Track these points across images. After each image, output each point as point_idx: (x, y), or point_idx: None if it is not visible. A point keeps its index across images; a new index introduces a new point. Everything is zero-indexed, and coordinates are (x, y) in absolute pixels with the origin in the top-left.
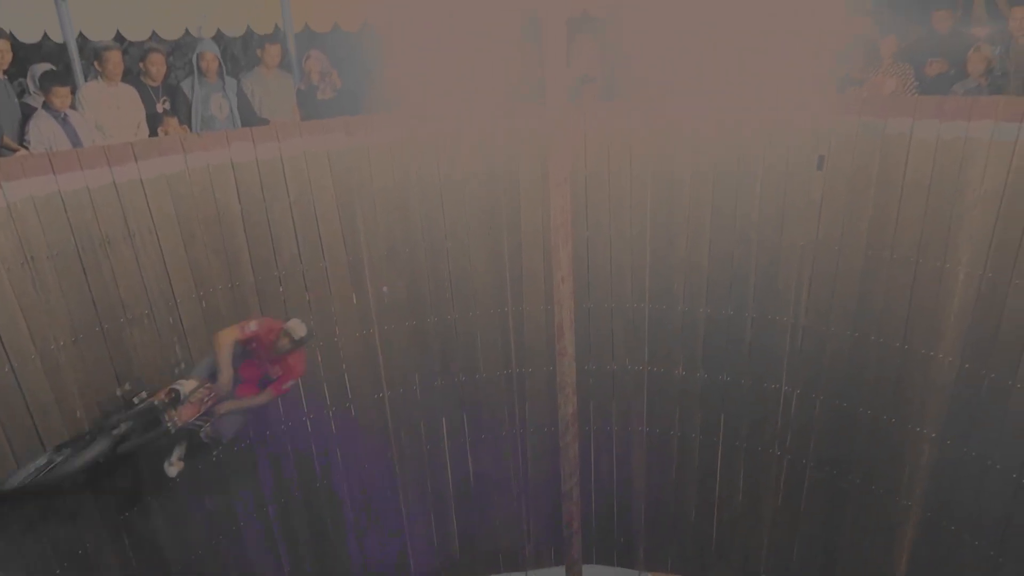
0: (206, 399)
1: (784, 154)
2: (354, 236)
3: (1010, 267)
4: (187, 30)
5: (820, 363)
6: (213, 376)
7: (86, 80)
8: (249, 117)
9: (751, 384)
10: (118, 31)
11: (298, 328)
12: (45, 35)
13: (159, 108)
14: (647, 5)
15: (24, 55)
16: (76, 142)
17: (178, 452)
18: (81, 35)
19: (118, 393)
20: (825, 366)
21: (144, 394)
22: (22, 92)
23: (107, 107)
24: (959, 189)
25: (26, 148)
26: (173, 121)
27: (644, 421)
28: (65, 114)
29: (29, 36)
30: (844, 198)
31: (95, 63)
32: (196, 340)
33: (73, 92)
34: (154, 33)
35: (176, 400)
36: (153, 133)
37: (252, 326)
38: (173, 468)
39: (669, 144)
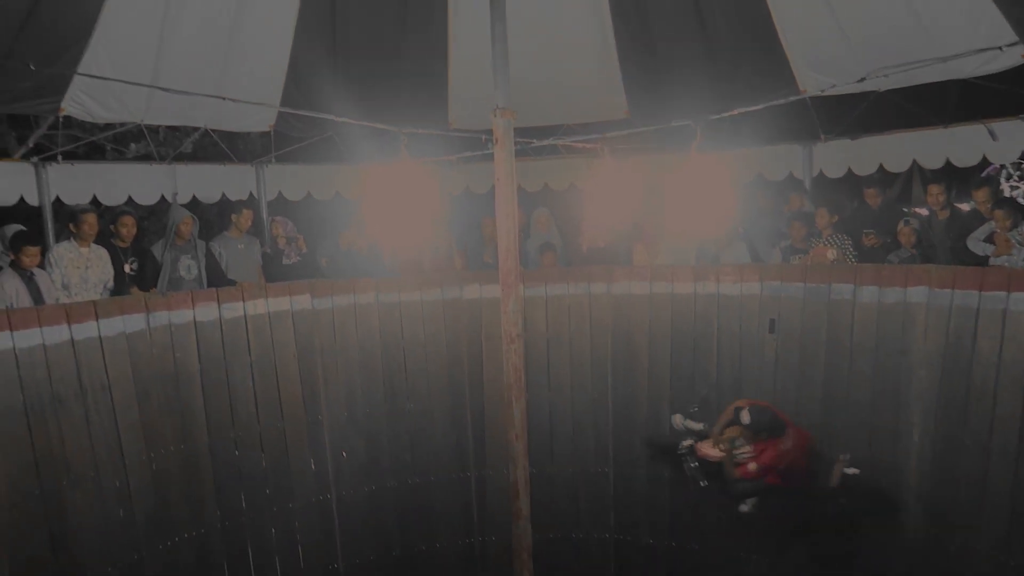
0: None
1: (737, 317)
2: (314, 396)
3: (960, 425)
4: (163, 196)
5: (788, 530)
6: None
7: (57, 241)
8: (216, 279)
9: (721, 553)
10: (94, 196)
11: (744, 416)
12: (21, 198)
13: (127, 269)
14: (603, 184)
15: None
16: (39, 300)
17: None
18: (57, 199)
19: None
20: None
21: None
22: None
23: (76, 267)
24: (903, 350)
25: None
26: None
27: None
28: (32, 272)
29: (5, 200)
30: (797, 359)
31: (70, 225)
32: (142, 504)
33: (43, 253)
34: (130, 198)
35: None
36: (119, 293)
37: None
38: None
39: (626, 307)
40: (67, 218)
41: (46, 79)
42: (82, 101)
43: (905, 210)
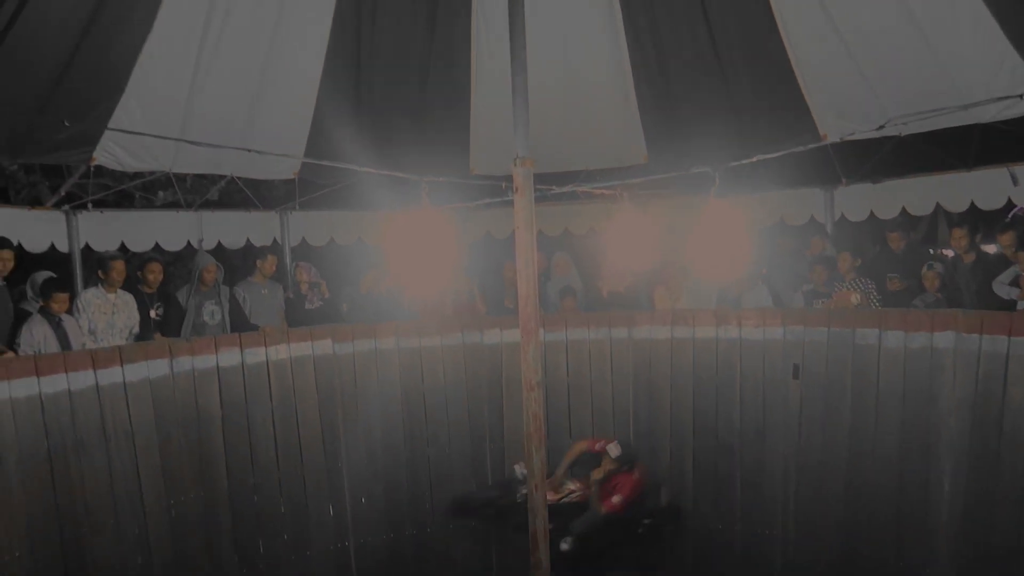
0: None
1: (760, 362)
2: (334, 442)
3: (993, 477)
4: (189, 242)
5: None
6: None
7: (86, 287)
8: (240, 324)
9: None
10: (122, 242)
11: (612, 449)
12: (52, 245)
13: (152, 315)
14: (622, 229)
15: (28, 263)
16: (66, 345)
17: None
18: (86, 245)
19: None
20: None
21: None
22: (21, 297)
23: (103, 313)
24: (932, 397)
25: (15, 351)
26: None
27: None
28: (60, 318)
29: (36, 247)
30: (822, 406)
31: (99, 271)
32: (160, 551)
33: (72, 299)
34: (157, 244)
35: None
36: (144, 338)
37: (598, 445)
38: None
39: (647, 352)
40: (96, 264)
41: (79, 131)
42: (113, 152)
43: (932, 251)
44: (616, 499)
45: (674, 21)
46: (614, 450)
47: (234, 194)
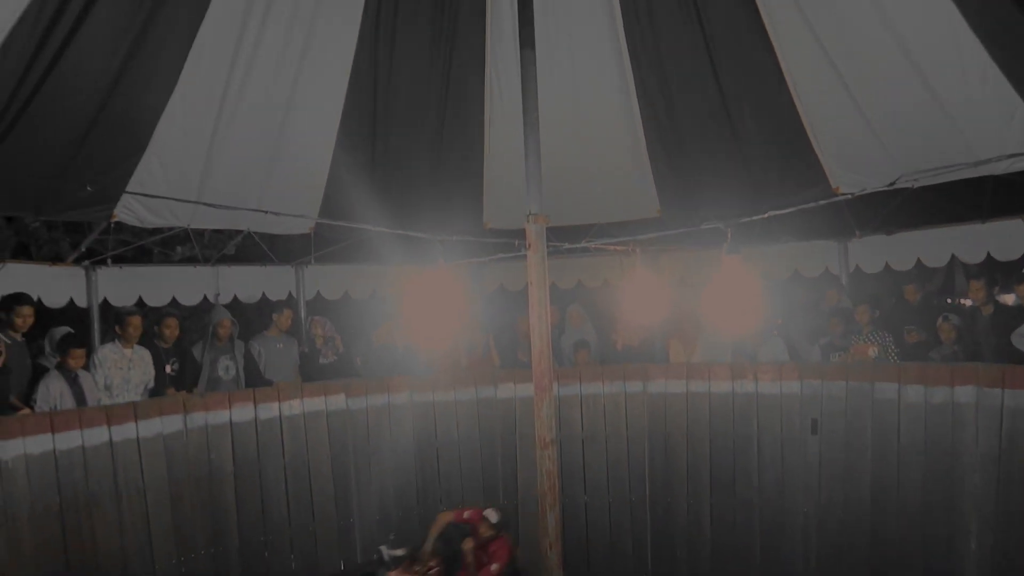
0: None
1: (777, 417)
2: (346, 498)
3: (1021, 535)
4: (205, 296)
5: None
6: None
7: (102, 342)
8: (254, 378)
9: None
10: (140, 297)
11: (491, 515)
12: (71, 300)
13: (168, 370)
14: (636, 284)
15: (47, 318)
16: (82, 401)
17: None
18: (104, 300)
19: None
20: None
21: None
22: (38, 353)
23: (118, 368)
24: (955, 453)
25: (31, 407)
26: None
27: None
28: (76, 374)
29: (56, 302)
30: (842, 462)
31: (116, 327)
32: None
33: (88, 354)
34: (173, 299)
35: (382, 562)
36: (158, 393)
37: (466, 514)
38: None
39: (663, 407)
40: (113, 320)
41: (101, 189)
42: (133, 208)
43: (949, 301)
44: (494, 567)
45: (684, 77)
46: (492, 516)
47: (250, 248)
